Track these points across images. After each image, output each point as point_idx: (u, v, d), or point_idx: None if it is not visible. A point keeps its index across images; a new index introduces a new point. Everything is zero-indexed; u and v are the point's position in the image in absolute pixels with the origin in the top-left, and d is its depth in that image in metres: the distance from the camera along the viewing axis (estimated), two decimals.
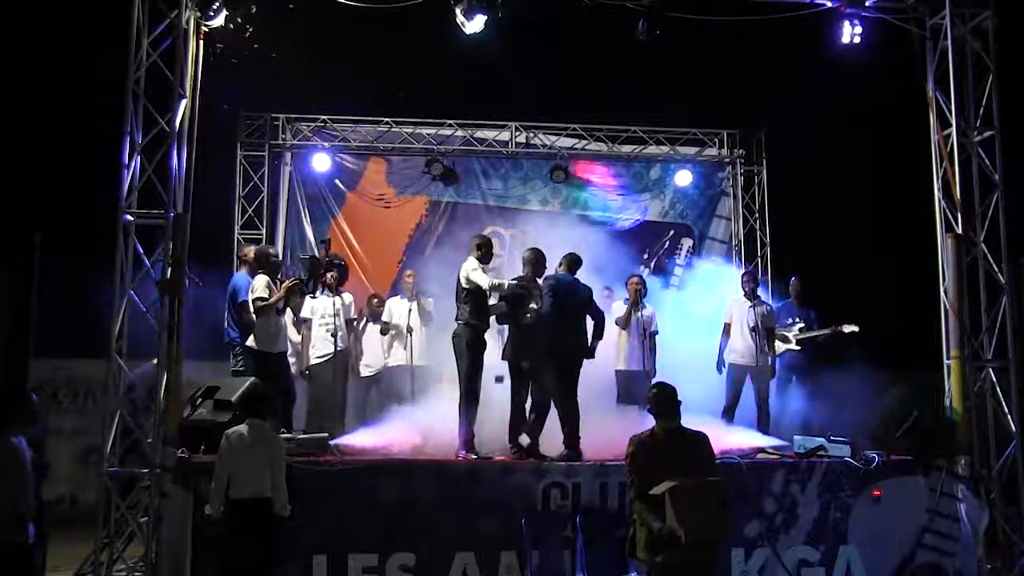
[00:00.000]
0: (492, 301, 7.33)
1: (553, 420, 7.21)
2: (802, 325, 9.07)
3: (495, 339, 8.16)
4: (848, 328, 8.83)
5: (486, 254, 7.40)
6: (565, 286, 7.37)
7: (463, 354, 7.18)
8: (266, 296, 7.52)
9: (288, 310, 7.80)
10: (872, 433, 7.44)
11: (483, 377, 7.22)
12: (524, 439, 7.14)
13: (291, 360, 8.15)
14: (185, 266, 6.82)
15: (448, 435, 7.19)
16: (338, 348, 8.18)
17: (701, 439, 5.40)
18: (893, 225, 10.68)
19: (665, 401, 5.39)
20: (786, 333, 9.05)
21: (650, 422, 5.47)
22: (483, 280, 7.15)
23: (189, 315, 6.94)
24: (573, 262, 7.56)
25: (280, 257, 8.15)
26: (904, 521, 6.85)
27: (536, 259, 7.47)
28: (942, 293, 7.55)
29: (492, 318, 7.44)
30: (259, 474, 5.74)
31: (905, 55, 7.87)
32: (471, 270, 7.21)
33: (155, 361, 6.64)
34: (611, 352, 8.78)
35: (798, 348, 9.01)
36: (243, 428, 5.89)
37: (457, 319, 7.29)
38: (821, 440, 7.24)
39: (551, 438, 7.20)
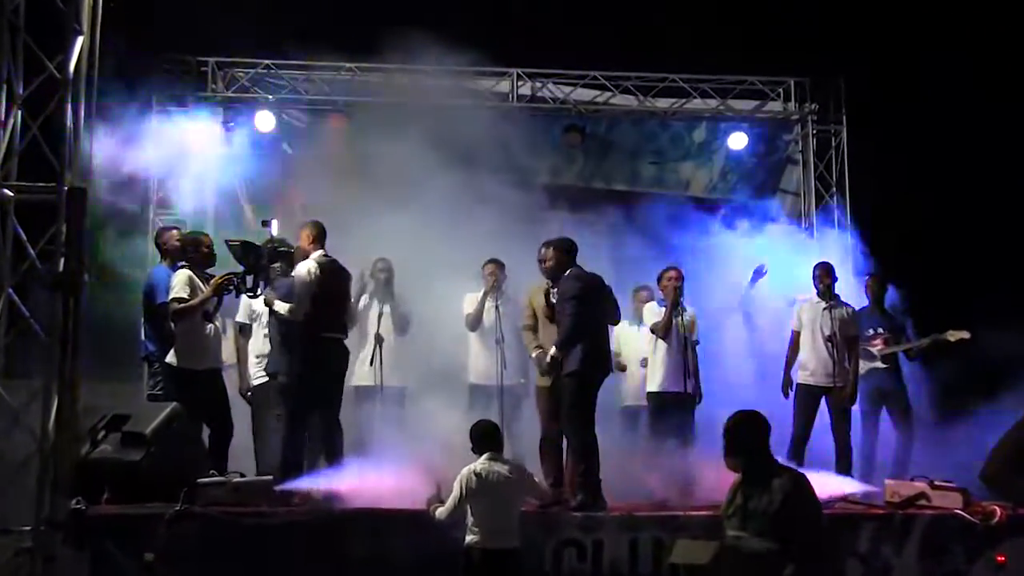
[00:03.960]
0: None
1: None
2: (887, 335, 9.05)
3: (492, 349, 8.47)
4: (955, 335, 8.76)
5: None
6: (593, 287, 7.44)
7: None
8: (186, 296, 7.47)
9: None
10: (991, 478, 7.34)
11: None
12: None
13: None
14: (84, 256, 6.74)
15: (430, 474, 7.05)
16: None
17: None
18: (1019, 202, 10.55)
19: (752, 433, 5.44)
20: (869, 348, 9.01)
21: (699, 458, 5.69)
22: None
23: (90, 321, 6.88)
24: (573, 249, 7.63)
25: (212, 245, 8.02)
26: None
27: (563, 255, 7.57)
28: None
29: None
30: (510, 521, 6.03)
31: None
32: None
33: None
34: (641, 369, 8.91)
35: (884, 367, 8.96)
36: (492, 466, 6.08)
37: None
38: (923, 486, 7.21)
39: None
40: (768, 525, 5.19)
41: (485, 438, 6.27)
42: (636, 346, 9.13)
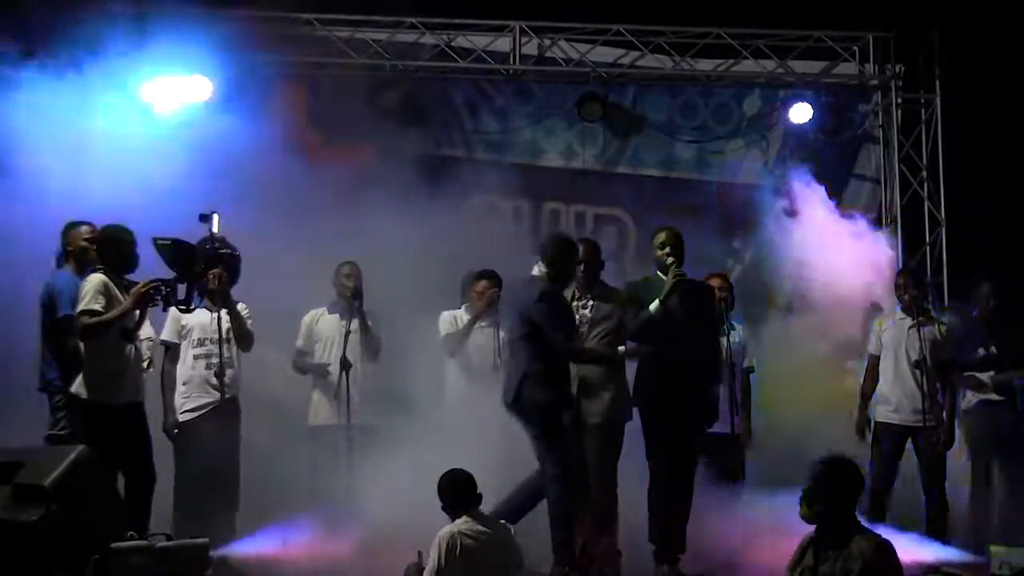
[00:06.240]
0: None
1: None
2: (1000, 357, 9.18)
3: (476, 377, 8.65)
4: None
5: None
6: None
7: None
8: (100, 308, 7.43)
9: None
10: None
11: None
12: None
13: None
14: None
15: (408, 537, 7.11)
16: (225, 394, 8.23)
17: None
18: None
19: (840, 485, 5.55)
20: (979, 375, 9.10)
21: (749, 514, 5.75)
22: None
23: None
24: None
25: (134, 244, 8.02)
26: None
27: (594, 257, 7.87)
28: None
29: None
30: None
31: None
32: None
33: None
34: None
35: (1000, 398, 9.05)
36: (477, 527, 6.26)
37: None
38: None
39: None
40: None
41: (460, 492, 6.34)
42: None
